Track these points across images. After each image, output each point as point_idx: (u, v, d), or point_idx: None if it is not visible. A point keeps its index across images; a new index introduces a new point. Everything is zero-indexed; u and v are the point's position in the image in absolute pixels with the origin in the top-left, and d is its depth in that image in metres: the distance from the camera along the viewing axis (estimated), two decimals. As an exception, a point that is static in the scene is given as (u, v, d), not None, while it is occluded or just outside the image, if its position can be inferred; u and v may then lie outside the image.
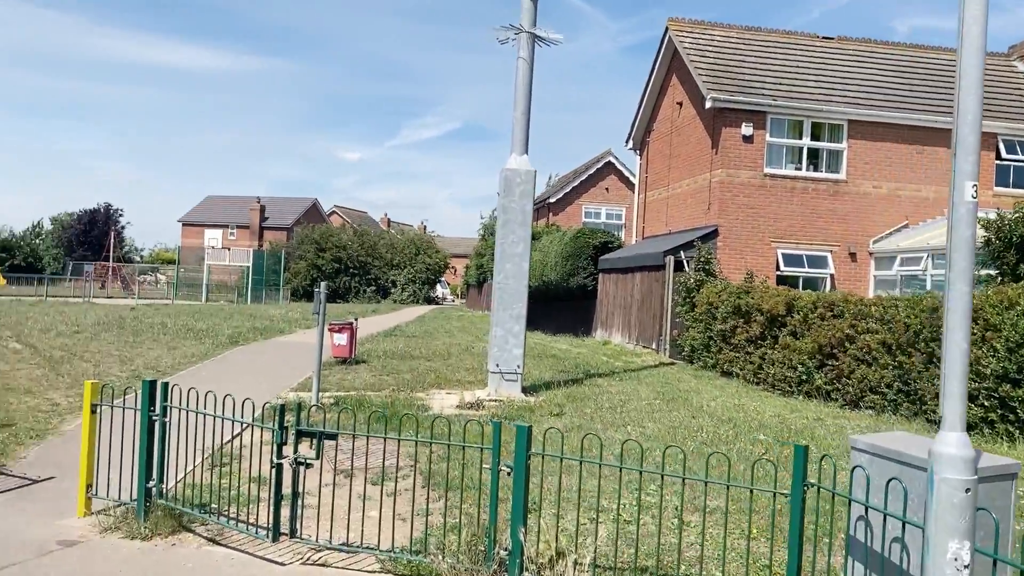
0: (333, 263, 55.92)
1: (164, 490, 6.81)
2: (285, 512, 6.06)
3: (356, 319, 16.00)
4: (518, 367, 12.11)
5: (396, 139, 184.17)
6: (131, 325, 19.42)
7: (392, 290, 58.29)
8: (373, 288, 57.25)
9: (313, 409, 11.36)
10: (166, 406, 6.74)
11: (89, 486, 7.03)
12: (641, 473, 5.47)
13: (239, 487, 7.12)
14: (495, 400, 11.79)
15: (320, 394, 11.24)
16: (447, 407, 11.40)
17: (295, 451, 5.96)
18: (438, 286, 65.74)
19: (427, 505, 6.58)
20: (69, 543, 6.35)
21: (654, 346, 19.46)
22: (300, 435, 6.02)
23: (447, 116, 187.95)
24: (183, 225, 70.38)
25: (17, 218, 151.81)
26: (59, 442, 9.47)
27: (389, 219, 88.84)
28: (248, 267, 47.23)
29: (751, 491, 4.90)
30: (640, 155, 26.48)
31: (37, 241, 63.90)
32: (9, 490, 7.86)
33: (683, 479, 5.07)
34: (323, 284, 11.23)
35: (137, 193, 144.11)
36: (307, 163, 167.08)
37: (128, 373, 13.41)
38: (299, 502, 6.04)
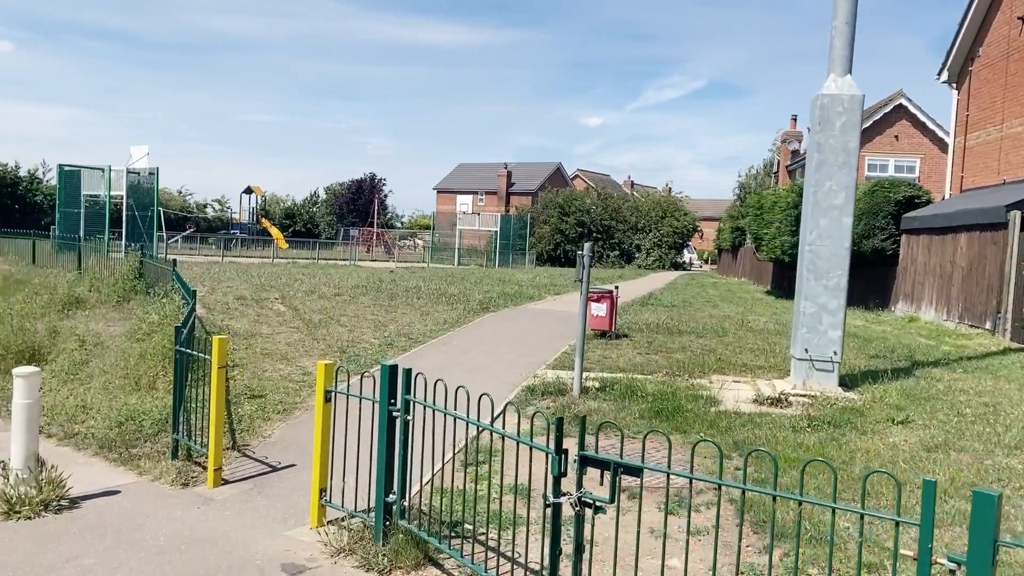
0: (576, 227, 54.83)
1: (406, 507, 5.26)
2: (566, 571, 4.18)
3: (616, 287, 14.01)
4: (835, 354, 9.36)
5: (638, 101, 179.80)
6: (388, 288, 19.21)
7: (636, 255, 56.01)
8: (616, 253, 55.36)
9: (577, 397, 9.61)
10: (408, 400, 5.14)
11: (323, 491, 5.70)
12: None
13: (499, 504, 5.39)
14: (804, 395, 9.18)
15: (583, 373, 9.40)
16: (741, 401, 9.02)
17: (579, 487, 4.01)
18: (685, 251, 62.28)
19: (769, 558, 4.34)
20: (294, 570, 5.00)
21: (988, 325, 15.30)
22: (586, 464, 4.05)
23: (691, 75, 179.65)
24: (437, 192, 73.55)
25: (299, 189, 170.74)
26: (305, 419, 8.56)
27: (632, 182, 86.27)
28: (496, 232, 47.57)
29: None
30: (957, 89, 21.48)
31: (314, 209, 70.17)
32: (247, 478, 6.89)
33: None
34: (587, 246, 9.31)
35: (398, 164, 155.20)
36: (550, 130, 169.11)
37: (380, 340, 12.63)
38: (585, 556, 4.11)
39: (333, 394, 5.70)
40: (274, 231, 49.99)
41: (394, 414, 5.22)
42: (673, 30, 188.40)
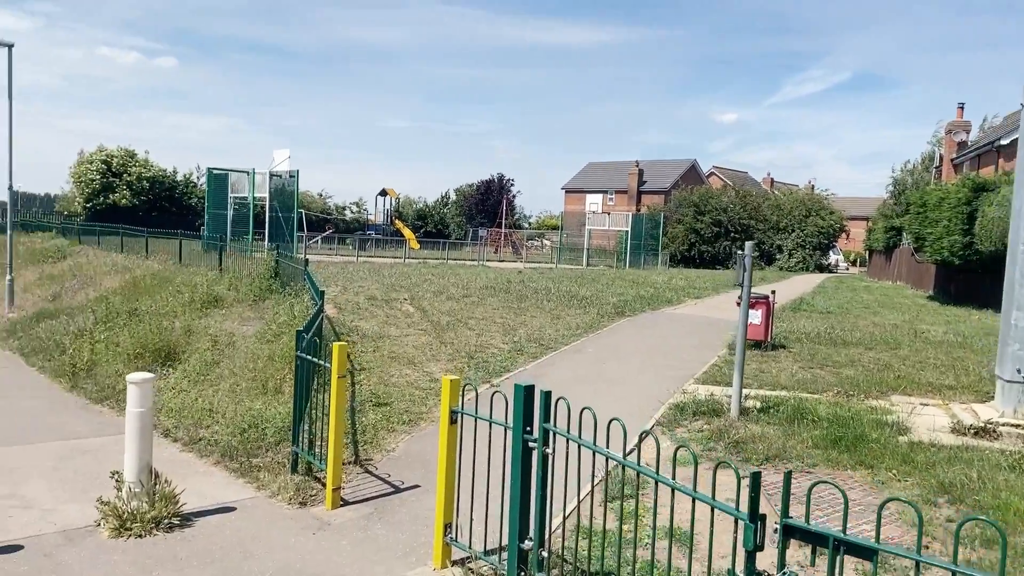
0: (712, 227, 52.34)
1: (544, 556, 4.38)
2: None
3: (773, 291, 12.57)
4: (1060, 377, 7.66)
5: (776, 97, 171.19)
6: (516, 290, 18.52)
7: (777, 256, 52.84)
8: (756, 254, 52.31)
9: (736, 419, 8.43)
10: (548, 430, 4.26)
11: (447, 527, 4.92)
12: None
13: (651, 550, 4.40)
14: (1017, 426, 7.57)
15: (742, 391, 8.20)
16: (937, 430, 7.54)
17: (780, 567, 2.98)
18: (831, 252, 58.22)
19: None
20: (412, 628, 4.23)
21: None
22: (791, 535, 3.00)
23: (834, 68, 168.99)
24: (566, 192, 72.72)
25: (430, 191, 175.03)
26: (431, 432, 7.89)
27: (772, 179, 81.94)
28: (626, 232, 46.08)
29: None
30: None
31: (444, 210, 71.16)
32: (368, 499, 6.25)
33: None
34: (748, 245, 8.12)
35: (526, 165, 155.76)
36: (681, 128, 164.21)
37: (509, 345, 11.88)
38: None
39: (459, 415, 4.91)
40: (406, 232, 50.87)
41: (530, 445, 4.36)
42: (815, 22, 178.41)
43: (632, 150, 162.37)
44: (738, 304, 12.30)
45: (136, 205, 50.20)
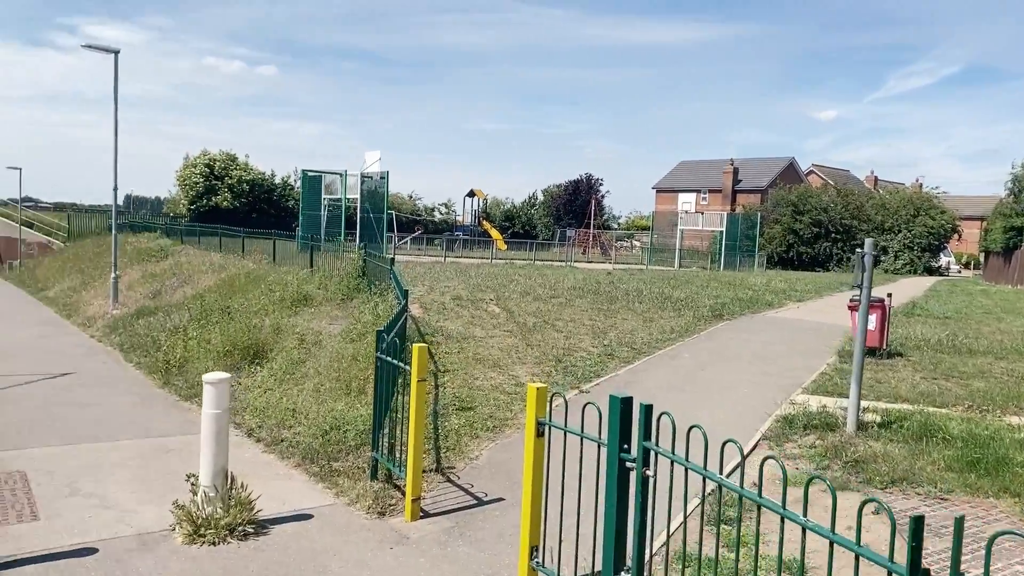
0: (812, 227, 49.97)
1: (643, 592, 3.84)
2: None
3: (889, 294, 11.52)
4: None
5: (879, 92, 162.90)
6: (606, 291, 17.91)
7: (882, 258, 49.94)
8: (874, 252, 49.73)
9: (853, 435, 7.62)
10: (648, 449, 3.73)
11: (533, 550, 4.46)
12: None
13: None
14: None
15: (860, 404, 7.40)
16: (1096, 455, 6.54)
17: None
18: (941, 254, 54.66)
19: None
20: (493, 666, 3.78)
21: None
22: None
23: (943, 60, 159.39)
24: (657, 192, 71.17)
25: (518, 192, 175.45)
26: (515, 439, 7.46)
27: (876, 177, 77.81)
28: (721, 232, 44.54)
29: None
30: None
31: (531, 211, 70.89)
32: (449, 511, 5.86)
33: None
34: (868, 242, 7.37)
35: (616, 165, 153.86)
36: (777, 126, 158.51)
37: (599, 349, 11.33)
38: None
39: (547, 427, 4.43)
40: (494, 232, 50.88)
41: (628, 465, 3.83)
42: (923, 12, 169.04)
43: (725, 149, 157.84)
44: (850, 308, 11.38)
45: (237, 207, 52.11)
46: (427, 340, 10.80)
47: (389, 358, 6.24)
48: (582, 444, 4.16)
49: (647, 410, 3.74)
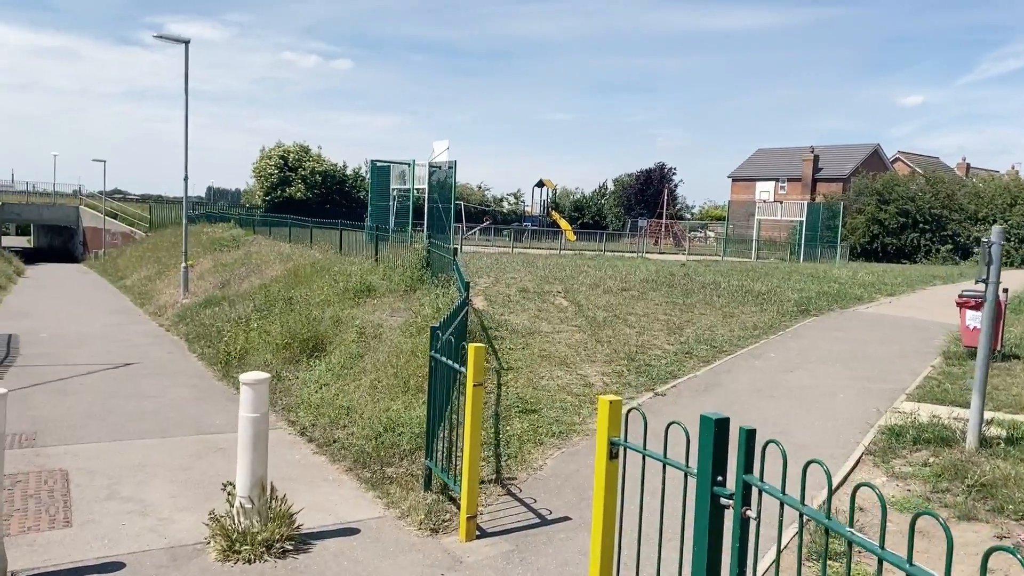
0: (898, 217, 47.32)
1: (739, 657, 3.13)
2: None
3: (1006, 289, 10.31)
4: None
5: (971, 75, 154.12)
6: (681, 284, 16.98)
7: (975, 249, 46.96)
8: (949, 247, 46.83)
9: (975, 451, 6.65)
10: (750, 483, 3.00)
11: (604, 591, 3.77)
12: None
13: None
14: None
15: (983, 416, 6.44)
16: None
17: None
18: (1042, 245, 51.08)
19: None
20: None
21: None
22: None
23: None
24: (732, 181, 68.86)
25: (588, 182, 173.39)
26: (583, 448, 6.80)
27: (968, 165, 73.39)
28: (801, 222, 42.54)
29: None
30: None
31: (602, 201, 69.64)
32: (508, 531, 5.25)
33: None
34: (996, 229, 6.38)
35: (689, 154, 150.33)
36: (859, 112, 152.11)
37: (675, 347, 10.52)
38: None
39: (621, 449, 3.75)
40: (563, 223, 50.05)
41: (723, 502, 3.12)
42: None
43: (804, 136, 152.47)
44: (959, 304, 10.23)
45: (310, 198, 52.84)
46: (490, 335, 10.22)
47: (444, 358, 5.65)
48: (664, 472, 3.46)
49: (748, 436, 3.01)
